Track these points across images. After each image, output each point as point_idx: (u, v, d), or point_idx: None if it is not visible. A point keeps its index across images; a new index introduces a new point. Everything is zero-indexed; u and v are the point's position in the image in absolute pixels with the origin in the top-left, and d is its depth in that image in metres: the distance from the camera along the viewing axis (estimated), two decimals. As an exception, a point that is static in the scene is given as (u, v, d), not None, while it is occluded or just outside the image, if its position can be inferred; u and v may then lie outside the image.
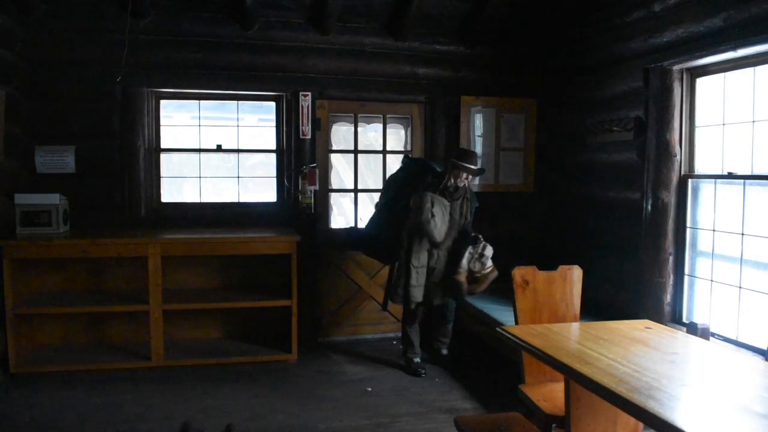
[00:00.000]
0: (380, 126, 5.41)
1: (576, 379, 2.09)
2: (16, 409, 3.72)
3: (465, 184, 4.26)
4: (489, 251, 4.18)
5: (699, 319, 3.74)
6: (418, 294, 4.26)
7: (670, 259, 3.98)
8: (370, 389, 4.19)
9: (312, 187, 5.05)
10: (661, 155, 3.96)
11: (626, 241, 4.34)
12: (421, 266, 4.23)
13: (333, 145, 5.45)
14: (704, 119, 3.87)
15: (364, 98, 5.28)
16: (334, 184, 5.68)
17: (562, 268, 3.12)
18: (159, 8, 4.75)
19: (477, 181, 5.08)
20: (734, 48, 3.37)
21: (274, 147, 5.24)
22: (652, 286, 4.03)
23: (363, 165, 5.57)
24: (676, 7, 3.81)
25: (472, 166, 4.18)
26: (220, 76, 4.92)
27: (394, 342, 5.23)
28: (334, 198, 5.69)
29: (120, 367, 4.38)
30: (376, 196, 5.66)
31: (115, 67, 4.63)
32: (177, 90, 4.99)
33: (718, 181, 3.74)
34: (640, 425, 2.41)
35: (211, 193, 5.29)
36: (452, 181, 4.18)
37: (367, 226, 4.69)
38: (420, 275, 4.25)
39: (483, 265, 4.16)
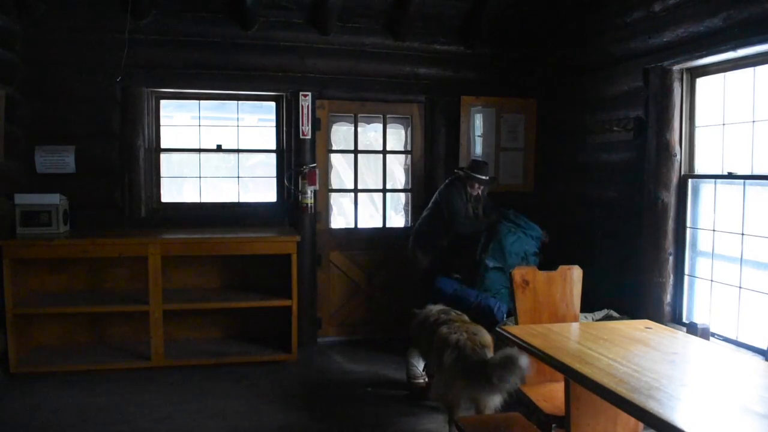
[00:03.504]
0: (380, 126, 5.41)
1: (576, 379, 2.09)
2: (16, 409, 3.72)
3: (478, 194, 4.70)
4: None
5: (699, 319, 3.74)
6: None
7: (670, 259, 3.98)
8: (370, 389, 4.19)
9: (312, 187, 5.05)
10: (661, 155, 3.96)
11: (626, 241, 4.34)
12: None
13: (333, 145, 5.44)
14: (704, 119, 3.87)
15: (364, 98, 5.28)
16: (334, 184, 5.68)
17: (562, 268, 3.12)
18: (159, 8, 4.75)
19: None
20: (734, 48, 3.37)
21: (274, 147, 5.24)
22: (652, 286, 4.03)
23: (363, 165, 5.57)
24: (676, 7, 3.81)
25: (483, 177, 4.61)
26: (220, 76, 4.92)
27: (394, 342, 5.22)
28: (334, 198, 5.68)
29: (120, 367, 4.38)
30: (377, 196, 5.69)
31: (115, 67, 4.64)
32: (177, 90, 4.99)
33: (718, 181, 3.74)
34: (640, 425, 2.41)
35: (211, 193, 5.29)
36: (469, 191, 4.65)
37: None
38: None
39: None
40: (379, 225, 5.53)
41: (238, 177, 5.24)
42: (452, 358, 3.14)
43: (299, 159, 5.09)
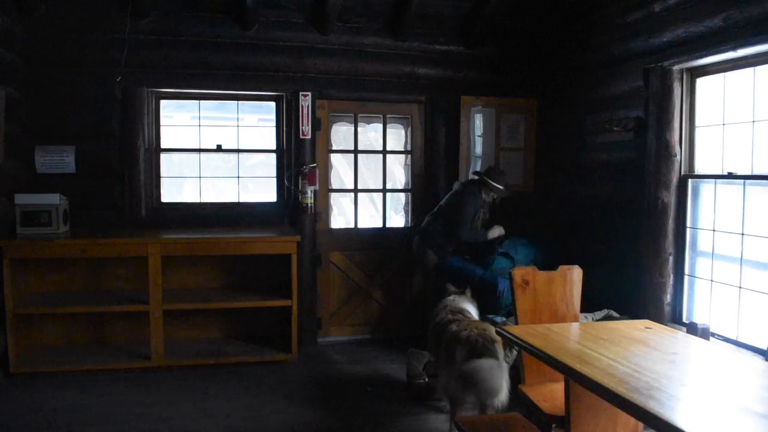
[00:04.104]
0: (380, 126, 5.41)
1: (576, 379, 2.09)
2: (16, 409, 3.72)
3: (492, 200, 4.80)
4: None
5: (699, 319, 3.74)
6: None
7: (670, 259, 3.98)
8: (370, 389, 4.19)
9: (312, 187, 5.05)
10: (661, 155, 3.96)
11: (626, 241, 4.33)
12: None
13: (333, 145, 5.45)
14: (704, 119, 3.87)
15: (364, 98, 5.28)
16: (334, 184, 5.68)
17: (562, 268, 3.12)
18: (159, 8, 4.75)
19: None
20: (734, 48, 3.37)
21: (274, 147, 5.24)
22: (652, 286, 4.03)
23: (363, 165, 5.57)
24: (676, 7, 3.81)
25: (500, 186, 4.70)
26: (220, 76, 4.92)
27: (395, 342, 5.23)
28: (334, 198, 5.69)
29: (120, 367, 4.38)
30: (377, 196, 5.69)
31: (115, 67, 4.64)
32: (177, 90, 4.99)
33: (718, 181, 3.74)
34: (640, 425, 2.41)
35: (211, 193, 5.29)
36: (483, 196, 4.73)
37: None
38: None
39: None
40: (379, 225, 5.53)
41: (238, 177, 5.24)
42: (463, 354, 3.20)
43: (299, 159, 5.09)
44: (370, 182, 5.75)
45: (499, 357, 3.21)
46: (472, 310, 3.85)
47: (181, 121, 5.39)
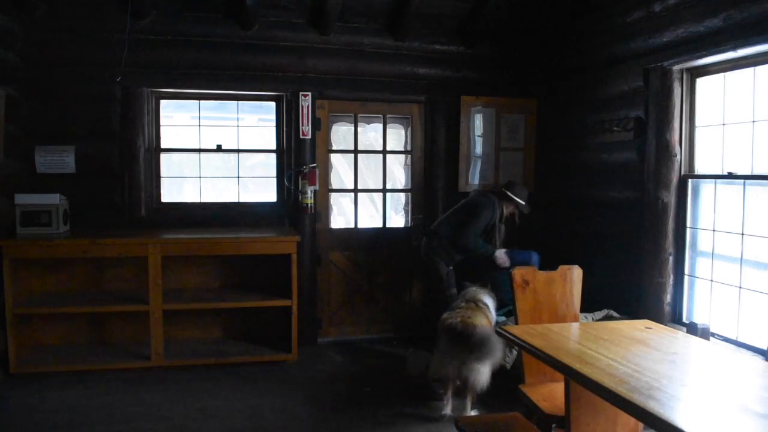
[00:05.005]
0: (380, 126, 5.41)
1: (576, 379, 2.09)
2: (16, 409, 3.72)
3: (511, 214, 4.76)
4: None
5: (699, 319, 3.74)
6: None
7: (670, 259, 3.98)
8: (369, 389, 4.19)
9: (312, 187, 5.05)
10: (661, 155, 3.96)
11: (626, 241, 4.34)
12: None
13: (333, 145, 5.44)
14: (704, 119, 3.87)
15: (364, 98, 5.28)
16: (334, 184, 5.68)
17: (562, 268, 3.12)
18: (159, 8, 4.75)
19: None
20: (734, 48, 3.37)
21: (274, 147, 5.24)
22: (652, 286, 4.03)
23: (363, 165, 5.57)
24: (676, 7, 3.81)
25: (520, 200, 4.67)
26: (220, 76, 4.92)
27: (395, 342, 5.23)
28: (334, 198, 5.69)
29: (120, 367, 4.38)
30: (376, 196, 5.69)
31: (115, 67, 4.63)
32: (177, 90, 4.99)
33: (718, 181, 3.74)
34: (640, 425, 2.41)
35: (211, 193, 5.29)
36: (504, 210, 4.71)
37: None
38: None
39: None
40: (379, 225, 5.53)
41: (238, 177, 5.24)
42: (445, 340, 3.48)
43: (299, 159, 5.09)
44: (370, 182, 5.75)
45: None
46: (489, 302, 3.90)
47: (181, 121, 5.39)
